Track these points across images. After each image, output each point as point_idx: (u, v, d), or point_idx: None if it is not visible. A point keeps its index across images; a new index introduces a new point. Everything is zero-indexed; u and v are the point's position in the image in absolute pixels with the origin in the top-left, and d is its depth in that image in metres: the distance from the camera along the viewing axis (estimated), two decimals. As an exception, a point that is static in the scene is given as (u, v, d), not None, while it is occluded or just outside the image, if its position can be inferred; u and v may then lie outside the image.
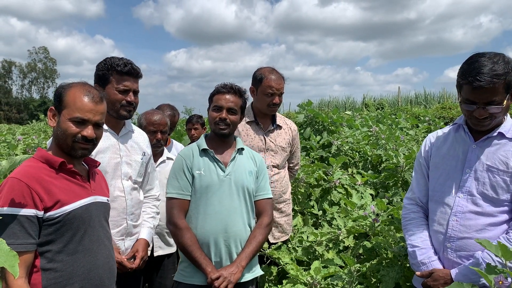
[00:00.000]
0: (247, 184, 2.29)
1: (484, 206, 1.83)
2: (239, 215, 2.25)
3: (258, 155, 2.47)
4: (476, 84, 1.70)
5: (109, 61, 2.33)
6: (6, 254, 1.37)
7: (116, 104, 2.32)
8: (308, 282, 2.49)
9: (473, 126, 1.87)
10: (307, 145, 5.79)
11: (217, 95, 2.32)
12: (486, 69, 1.69)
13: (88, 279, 1.71)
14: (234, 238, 2.21)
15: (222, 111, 2.28)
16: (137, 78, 2.40)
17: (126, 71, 2.32)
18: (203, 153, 2.30)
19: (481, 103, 1.75)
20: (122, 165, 2.36)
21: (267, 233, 2.33)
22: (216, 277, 2.09)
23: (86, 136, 1.73)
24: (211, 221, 2.20)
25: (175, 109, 3.90)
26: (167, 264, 3.03)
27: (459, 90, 1.84)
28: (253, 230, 2.30)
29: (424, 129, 7.63)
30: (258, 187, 2.36)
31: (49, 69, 66.18)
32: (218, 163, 2.28)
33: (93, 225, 1.76)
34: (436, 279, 1.86)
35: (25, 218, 1.56)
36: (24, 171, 1.63)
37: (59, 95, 1.76)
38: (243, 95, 2.38)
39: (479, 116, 1.77)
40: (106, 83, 2.31)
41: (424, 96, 20.48)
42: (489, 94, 1.71)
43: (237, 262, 2.18)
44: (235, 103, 2.31)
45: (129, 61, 2.36)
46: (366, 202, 3.45)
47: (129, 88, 2.34)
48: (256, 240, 2.26)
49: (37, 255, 1.63)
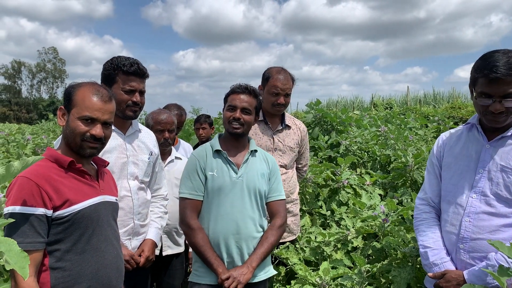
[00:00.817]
0: (259, 186, 2.29)
1: (498, 207, 1.80)
2: (251, 217, 2.25)
3: (271, 156, 2.47)
4: (493, 76, 1.69)
5: (115, 61, 2.31)
6: (17, 255, 1.37)
7: (122, 105, 2.30)
8: (317, 283, 2.47)
9: (488, 123, 1.84)
10: (315, 145, 5.77)
11: (232, 95, 2.33)
12: (502, 62, 1.69)
13: (96, 279, 1.71)
14: (246, 240, 2.22)
15: (236, 110, 2.28)
16: (143, 78, 2.38)
17: (132, 71, 2.30)
18: (216, 154, 2.31)
19: (497, 97, 1.73)
20: (128, 165, 2.35)
21: (280, 235, 2.32)
22: (226, 277, 2.10)
23: (94, 135, 1.73)
24: (223, 223, 2.21)
25: (182, 109, 3.90)
26: (175, 263, 3.02)
27: (473, 86, 1.82)
28: (265, 231, 2.30)
29: (434, 129, 7.58)
30: (270, 189, 2.36)
31: (58, 69, 66.78)
32: (230, 165, 2.28)
33: (102, 225, 1.76)
34: (449, 280, 1.83)
35: (35, 217, 1.57)
36: (34, 170, 1.63)
37: (69, 94, 1.77)
38: (258, 96, 2.38)
39: (495, 110, 1.74)
40: (112, 83, 2.30)
41: (433, 95, 20.32)
42: (505, 87, 1.70)
43: (248, 263, 2.19)
44: (249, 103, 2.31)
45: (135, 61, 2.35)
46: (375, 202, 3.42)
47: (135, 89, 2.33)
48: (268, 242, 2.25)
49: (46, 254, 1.63)
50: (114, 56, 2.37)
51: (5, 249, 1.35)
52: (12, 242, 1.38)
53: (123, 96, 2.30)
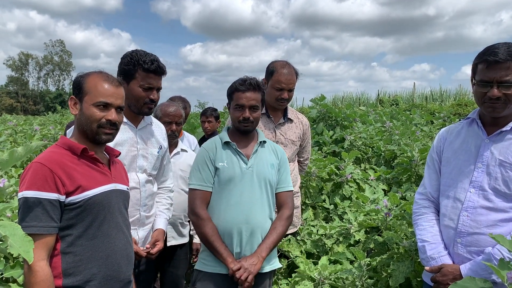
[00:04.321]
0: (269, 176, 2.31)
1: (496, 202, 1.82)
2: (260, 206, 2.27)
3: (280, 148, 2.49)
4: (492, 59, 1.75)
5: (135, 57, 2.27)
6: (21, 239, 1.40)
7: (140, 101, 2.30)
8: (316, 278, 2.50)
9: (486, 111, 1.86)
10: (320, 140, 5.78)
11: (237, 93, 2.31)
12: (502, 49, 1.76)
13: (106, 265, 1.74)
14: (255, 229, 2.23)
15: (245, 110, 2.29)
16: (162, 75, 2.37)
17: (153, 69, 2.28)
18: (226, 145, 2.33)
19: (495, 82, 1.77)
20: (138, 158, 2.38)
21: (287, 225, 2.34)
22: (237, 268, 2.11)
23: (110, 120, 1.77)
24: (233, 212, 2.23)
25: (187, 101, 3.93)
26: (179, 254, 3.07)
27: (473, 75, 1.87)
28: (273, 221, 2.33)
29: (439, 125, 7.55)
30: (279, 180, 2.38)
31: (65, 61, 66.95)
32: (240, 156, 2.30)
33: (113, 212, 1.79)
34: (445, 274, 1.85)
35: (48, 202, 1.60)
36: (48, 156, 1.68)
37: (79, 83, 1.80)
38: (262, 88, 2.37)
39: (492, 95, 1.77)
40: (131, 79, 2.28)
41: (439, 93, 20.19)
42: (503, 72, 1.74)
43: (257, 253, 2.20)
44: (256, 99, 2.31)
45: (155, 58, 2.32)
46: (379, 197, 3.44)
47: (154, 86, 2.32)
48: (277, 232, 2.27)
49: (58, 239, 1.67)
50: (123, 49, 2.46)
51: (9, 233, 1.38)
52: (17, 227, 1.41)
53: (141, 93, 2.29)
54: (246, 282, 2.11)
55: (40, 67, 65.95)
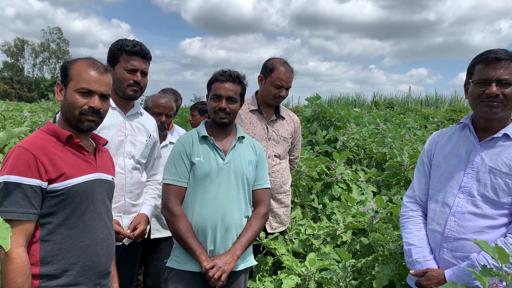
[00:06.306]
0: (246, 173, 2.26)
1: (484, 208, 1.81)
2: (237, 203, 2.23)
3: (259, 144, 2.44)
4: (493, 56, 1.77)
5: (120, 42, 2.39)
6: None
7: (124, 83, 2.36)
8: (303, 274, 2.49)
9: (482, 111, 1.83)
10: (313, 139, 5.77)
11: (216, 83, 2.26)
12: (501, 50, 1.80)
13: (85, 255, 1.71)
14: (231, 226, 2.19)
15: (222, 100, 2.23)
16: (145, 59, 2.43)
17: (135, 51, 2.37)
18: (203, 140, 2.27)
19: (493, 80, 1.76)
20: (126, 143, 2.37)
21: (263, 223, 2.31)
22: (211, 266, 2.08)
23: (93, 107, 1.73)
24: (208, 208, 2.18)
25: (178, 94, 3.89)
26: (163, 247, 3.04)
27: (470, 77, 1.86)
28: (249, 219, 2.28)
29: (432, 130, 7.57)
30: (256, 177, 2.34)
31: (62, 49, 66.44)
32: (217, 151, 2.25)
33: (95, 202, 1.76)
34: (430, 278, 1.84)
35: (29, 188, 1.57)
36: (32, 141, 1.64)
37: (65, 69, 1.77)
38: (242, 82, 2.32)
39: (491, 92, 1.76)
40: (116, 63, 2.38)
41: (435, 98, 20.29)
42: (502, 71, 1.75)
43: (231, 251, 2.16)
44: (234, 91, 2.25)
45: (139, 42, 2.41)
46: (367, 198, 3.43)
47: (137, 68, 2.38)
48: (252, 230, 2.24)
49: (38, 226, 1.63)
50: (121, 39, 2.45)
51: (-14, 219, 1.34)
52: (-7, 213, 1.37)
53: (125, 75, 2.36)
54: (219, 281, 2.07)
55: (36, 54, 65.39)
